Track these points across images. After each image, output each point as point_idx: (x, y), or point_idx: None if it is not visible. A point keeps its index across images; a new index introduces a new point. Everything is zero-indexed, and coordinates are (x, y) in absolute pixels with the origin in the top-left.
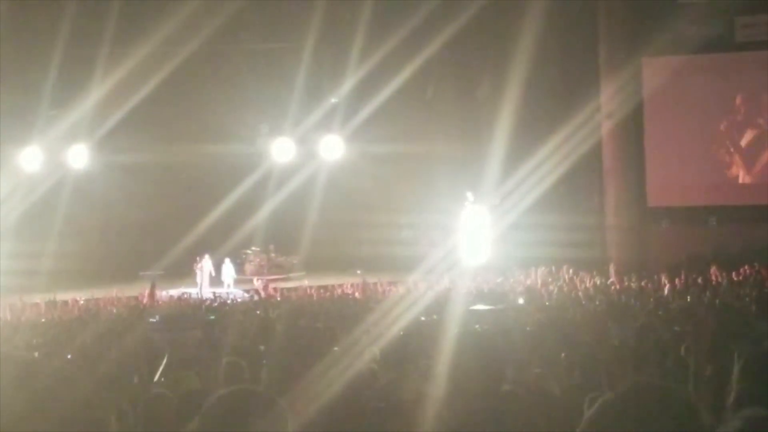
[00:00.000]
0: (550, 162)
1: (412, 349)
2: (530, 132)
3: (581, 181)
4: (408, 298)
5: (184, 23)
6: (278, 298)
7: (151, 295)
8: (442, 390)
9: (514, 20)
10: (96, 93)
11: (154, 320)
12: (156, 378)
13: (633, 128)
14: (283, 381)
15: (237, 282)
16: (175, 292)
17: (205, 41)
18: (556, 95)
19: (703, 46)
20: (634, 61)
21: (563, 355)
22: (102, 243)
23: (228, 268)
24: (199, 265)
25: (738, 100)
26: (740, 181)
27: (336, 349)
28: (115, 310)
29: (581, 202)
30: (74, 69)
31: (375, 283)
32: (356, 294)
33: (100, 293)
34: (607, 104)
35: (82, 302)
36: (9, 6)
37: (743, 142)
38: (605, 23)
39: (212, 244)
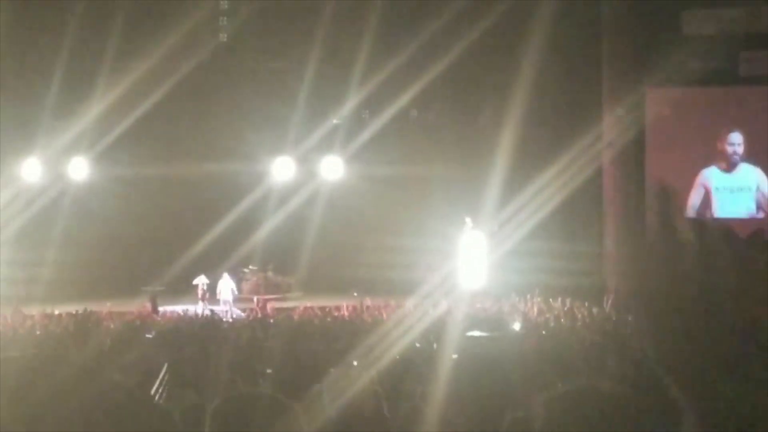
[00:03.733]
0: (549, 189)
1: (409, 376)
2: (531, 158)
3: (581, 209)
4: (404, 322)
5: (186, 40)
6: (273, 318)
7: (153, 310)
8: (439, 417)
9: (517, 45)
10: (97, 106)
11: (151, 336)
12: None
13: (634, 158)
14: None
15: (235, 300)
16: (174, 308)
17: (207, 58)
18: (558, 122)
19: (707, 79)
20: (637, 91)
21: (560, 385)
22: (101, 255)
23: (226, 286)
24: (197, 283)
25: (740, 133)
26: None
27: (332, 370)
28: (112, 325)
29: (580, 230)
30: (76, 82)
31: (369, 306)
32: (345, 314)
33: (97, 306)
34: (608, 133)
35: (78, 315)
36: (11, 18)
37: None
38: (609, 52)
39: (211, 261)
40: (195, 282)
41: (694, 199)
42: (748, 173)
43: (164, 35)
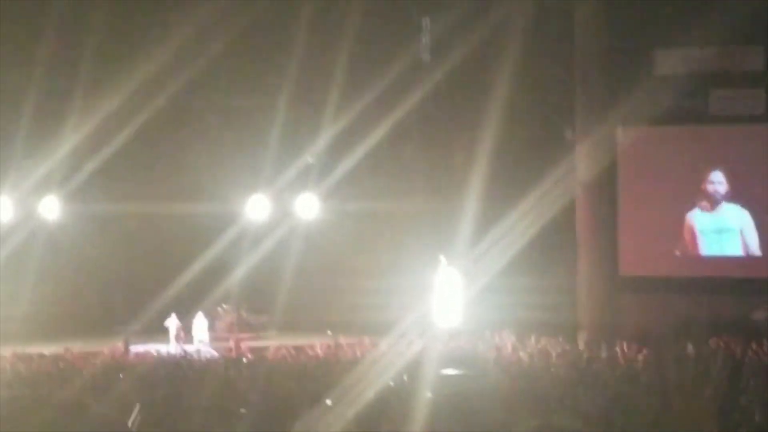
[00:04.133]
0: (522, 224)
1: (383, 415)
2: (504, 194)
3: (554, 244)
4: (378, 361)
5: (158, 77)
6: (247, 357)
7: (125, 351)
8: None
9: (490, 81)
10: (69, 144)
11: (123, 377)
12: None
13: (607, 197)
14: None
15: (209, 339)
16: (146, 347)
17: (179, 96)
18: (531, 158)
19: (678, 117)
20: (610, 129)
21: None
22: (73, 294)
23: (200, 326)
24: (170, 324)
25: (711, 177)
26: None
27: (306, 411)
28: (84, 372)
29: (554, 265)
30: (46, 119)
31: (343, 345)
32: (320, 353)
33: (69, 346)
34: (581, 172)
35: (49, 356)
36: None
37: None
38: (581, 91)
39: (186, 300)
40: (166, 323)
41: (675, 236)
42: (731, 213)
43: (136, 72)
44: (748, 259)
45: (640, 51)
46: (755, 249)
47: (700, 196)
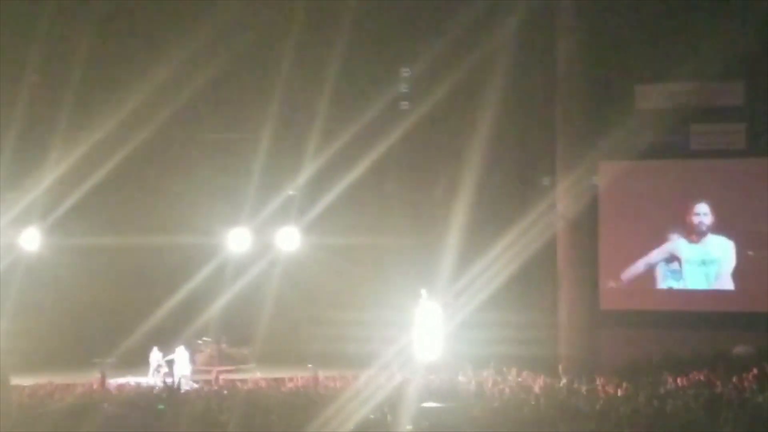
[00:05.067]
0: (503, 260)
1: None
2: (485, 230)
3: (535, 278)
4: (359, 394)
5: (140, 110)
6: (227, 390)
7: (102, 383)
8: None
9: (471, 117)
10: (49, 177)
11: (103, 408)
12: None
13: (587, 231)
14: None
15: (190, 372)
16: (125, 380)
17: (161, 129)
18: (512, 193)
19: (658, 152)
20: (591, 164)
21: None
22: (52, 326)
23: (181, 358)
24: (152, 357)
25: (696, 208)
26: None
27: None
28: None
29: (534, 299)
30: (26, 152)
31: (323, 378)
32: (300, 386)
33: (47, 378)
34: (561, 206)
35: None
36: None
37: None
38: (562, 124)
39: (165, 333)
40: (150, 357)
41: (658, 270)
42: (716, 244)
43: (118, 105)
44: (729, 293)
45: (621, 86)
46: (737, 282)
47: (684, 228)
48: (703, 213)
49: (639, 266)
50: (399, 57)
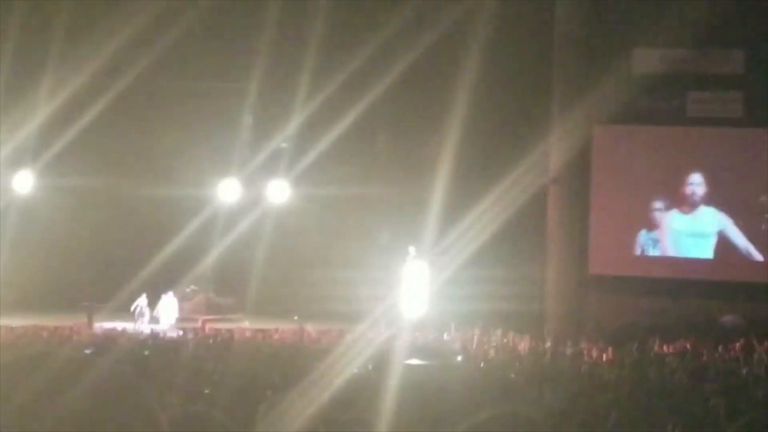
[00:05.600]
0: (492, 216)
1: (345, 402)
2: (475, 185)
3: (523, 236)
4: (344, 349)
5: (130, 55)
6: (212, 339)
7: (89, 326)
8: None
9: (464, 73)
10: (42, 117)
11: (89, 351)
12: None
13: (579, 194)
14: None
15: (176, 320)
16: (112, 325)
17: (152, 78)
18: (504, 150)
19: (655, 118)
20: (585, 126)
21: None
22: (43, 268)
23: (168, 306)
24: (139, 303)
25: (685, 174)
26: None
27: (269, 393)
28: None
29: (522, 256)
30: (18, 93)
31: (309, 331)
32: (286, 338)
33: (36, 320)
34: (554, 167)
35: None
36: None
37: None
38: (558, 86)
39: (154, 280)
40: (135, 304)
41: (648, 237)
42: (708, 216)
43: (109, 50)
44: (719, 263)
45: (619, 49)
46: (730, 253)
47: (676, 198)
48: (696, 183)
49: (635, 247)
50: (390, 6)
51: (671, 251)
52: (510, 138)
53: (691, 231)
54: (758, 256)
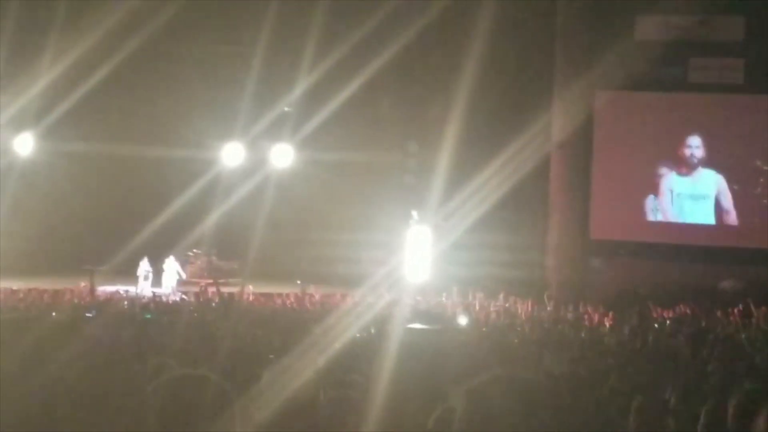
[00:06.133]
0: (495, 182)
1: (347, 364)
2: (478, 151)
3: (526, 202)
4: (347, 313)
5: (134, 18)
6: (215, 302)
7: (92, 289)
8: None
9: (469, 40)
10: (44, 81)
11: (91, 315)
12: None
13: (581, 160)
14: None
15: (178, 283)
16: (114, 288)
17: (157, 41)
18: (507, 116)
19: (657, 85)
20: (588, 93)
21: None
22: (44, 231)
23: (170, 269)
24: (141, 266)
25: (689, 141)
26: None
27: (271, 356)
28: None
29: (525, 223)
30: (21, 56)
31: (312, 295)
32: (289, 302)
33: (37, 283)
34: (557, 134)
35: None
36: None
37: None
38: (561, 53)
39: (157, 243)
40: (140, 268)
41: (649, 201)
42: (707, 179)
43: (115, 13)
44: (719, 228)
45: (621, 16)
46: (728, 217)
47: (676, 161)
48: (695, 146)
49: (636, 212)
50: None
51: (672, 215)
52: (513, 105)
53: (691, 193)
54: (734, 221)
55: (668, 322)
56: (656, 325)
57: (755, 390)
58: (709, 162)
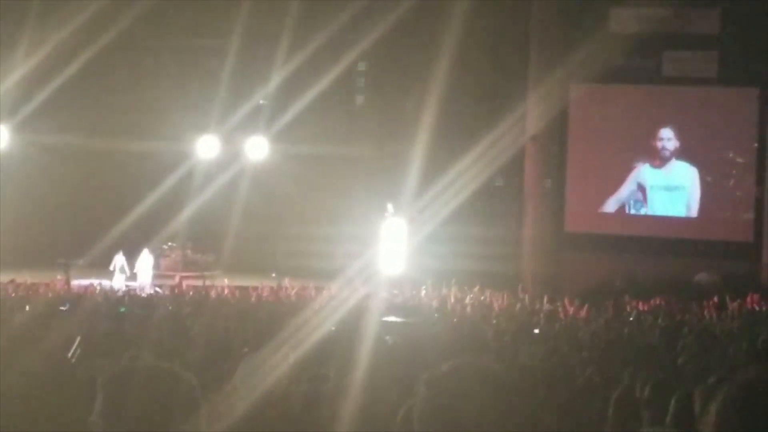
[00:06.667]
0: (470, 176)
1: (321, 358)
2: (454, 144)
3: (500, 195)
4: (321, 306)
5: (109, 11)
6: (188, 296)
7: (66, 283)
8: (353, 400)
9: (444, 34)
10: (18, 73)
11: (65, 308)
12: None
13: (556, 153)
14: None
15: (153, 277)
16: (89, 281)
17: (130, 33)
18: (481, 109)
19: (631, 77)
20: (563, 85)
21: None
22: (18, 224)
23: (145, 262)
24: (116, 260)
25: (661, 133)
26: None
27: (246, 350)
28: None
29: (499, 215)
30: None
31: (287, 288)
32: (263, 294)
33: (12, 276)
34: (532, 126)
35: None
36: None
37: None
38: (536, 45)
39: (132, 237)
40: (113, 262)
41: (623, 194)
42: (681, 171)
43: (88, 5)
44: (693, 220)
45: (596, 8)
46: (702, 209)
47: (650, 153)
48: (666, 138)
49: (610, 205)
50: None
51: (646, 208)
52: (488, 98)
53: (665, 185)
54: (708, 213)
55: (643, 315)
56: (631, 318)
57: (720, 381)
58: (683, 154)
